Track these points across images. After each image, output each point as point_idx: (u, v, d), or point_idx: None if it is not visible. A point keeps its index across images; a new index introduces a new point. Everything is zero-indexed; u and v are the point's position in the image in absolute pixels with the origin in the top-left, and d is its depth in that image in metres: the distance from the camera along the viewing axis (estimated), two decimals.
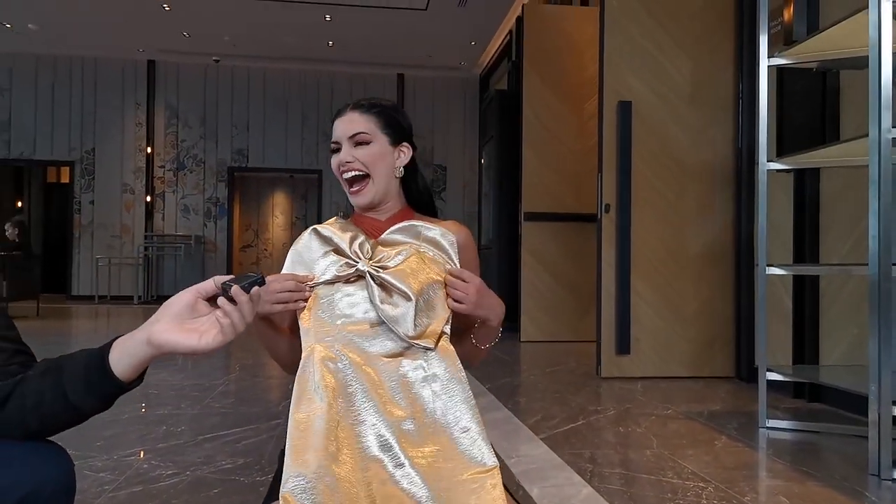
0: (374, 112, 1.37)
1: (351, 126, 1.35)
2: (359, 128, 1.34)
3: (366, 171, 1.34)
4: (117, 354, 0.92)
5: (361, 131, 1.34)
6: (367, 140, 1.34)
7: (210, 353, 0.95)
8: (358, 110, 1.37)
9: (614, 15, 3.99)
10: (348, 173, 1.34)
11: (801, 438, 2.68)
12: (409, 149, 1.41)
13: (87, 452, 2.36)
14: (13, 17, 8.87)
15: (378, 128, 1.35)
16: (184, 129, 10.79)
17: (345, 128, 1.35)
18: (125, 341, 0.93)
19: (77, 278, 10.52)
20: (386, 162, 1.36)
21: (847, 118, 3.23)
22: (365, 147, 1.34)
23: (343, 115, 1.37)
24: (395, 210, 1.40)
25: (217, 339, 0.95)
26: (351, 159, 1.34)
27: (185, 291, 0.97)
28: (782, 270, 2.81)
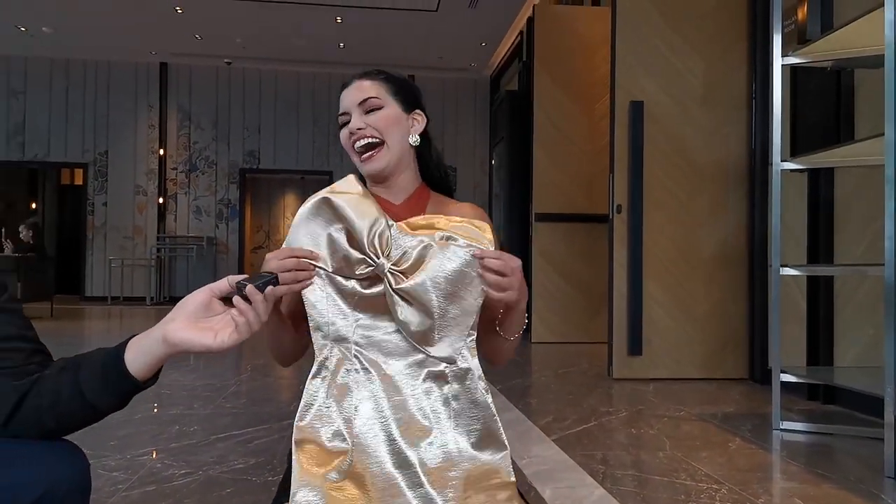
0: (383, 78, 1.27)
1: (360, 93, 1.24)
2: (369, 93, 1.24)
3: (380, 138, 1.23)
4: (133, 353, 0.93)
5: (372, 96, 1.24)
6: (378, 105, 1.24)
7: (225, 352, 0.96)
8: (366, 78, 1.27)
9: (626, 15, 3.98)
10: (361, 140, 1.22)
11: (815, 440, 2.66)
12: (422, 117, 1.30)
13: (101, 452, 2.37)
14: (28, 21, 8.95)
15: (389, 93, 1.26)
16: (196, 131, 10.85)
17: (353, 95, 1.25)
18: (141, 340, 0.94)
19: (90, 279, 10.59)
20: (400, 127, 1.25)
21: (862, 117, 3.20)
22: (377, 112, 1.23)
23: (350, 85, 1.27)
24: (411, 189, 1.28)
25: (232, 337, 0.96)
26: (363, 125, 1.22)
27: (199, 291, 0.97)
28: (796, 271, 2.79)
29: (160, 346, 0.93)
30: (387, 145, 1.23)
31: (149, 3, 8.22)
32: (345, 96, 1.26)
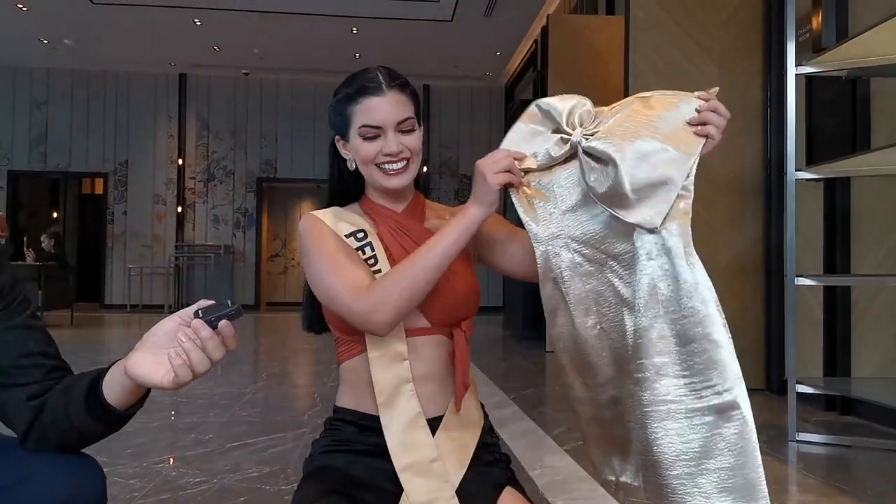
0: (410, 93, 1.19)
1: (398, 111, 1.15)
2: (406, 113, 1.16)
3: (410, 158, 1.18)
4: (107, 381, 0.91)
5: (409, 117, 1.16)
6: (413, 127, 1.17)
7: (175, 390, 0.86)
8: (396, 90, 1.16)
9: (640, 24, 3.98)
10: (396, 164, 1.16)
11: (832, 452, 2.63)
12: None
13: (118, 460, 2.40)
14: (50, 34, 9.12)
15: (414, 111, 1.19)
16: (214, 140, 10.97)
17: (391, 112, 1.14)
18: (116, 367, 0.90)
19: (110, 287, 10.72)
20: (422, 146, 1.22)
21: (878, 126, 3.17)
22: (412, 134, 1.17)
23: (383, 95, 1.14)
24: (410, 196, 1.25)
25: (167, 378, 0.85)
26: (400, 148, 1.15)
27: (168, 318, 0.90)
28: (812, 281, 2.77)
29: (125, 377, 0.88)
30: (410, 163, 1.19)
31: (168, 15, 8.35)
32: (376, 107, 1.14)
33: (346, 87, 1.20)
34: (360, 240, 1.17)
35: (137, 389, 0.90)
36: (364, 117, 1.15)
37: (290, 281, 12.62)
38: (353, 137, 1.18)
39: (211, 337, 0.85)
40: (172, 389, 0.86)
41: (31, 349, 0.96)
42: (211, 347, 0.85)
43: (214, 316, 0.85)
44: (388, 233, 1.20)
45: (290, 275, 12.72)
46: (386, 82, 1.16)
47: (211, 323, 0.85)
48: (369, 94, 1.15)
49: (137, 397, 0.92)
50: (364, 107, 1.15)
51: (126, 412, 0.92)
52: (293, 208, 12.96)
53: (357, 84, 1.17)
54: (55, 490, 0.89)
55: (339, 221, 1.19)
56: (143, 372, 0.86)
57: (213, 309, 0.86)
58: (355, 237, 1.17)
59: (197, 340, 0.85)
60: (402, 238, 1.20)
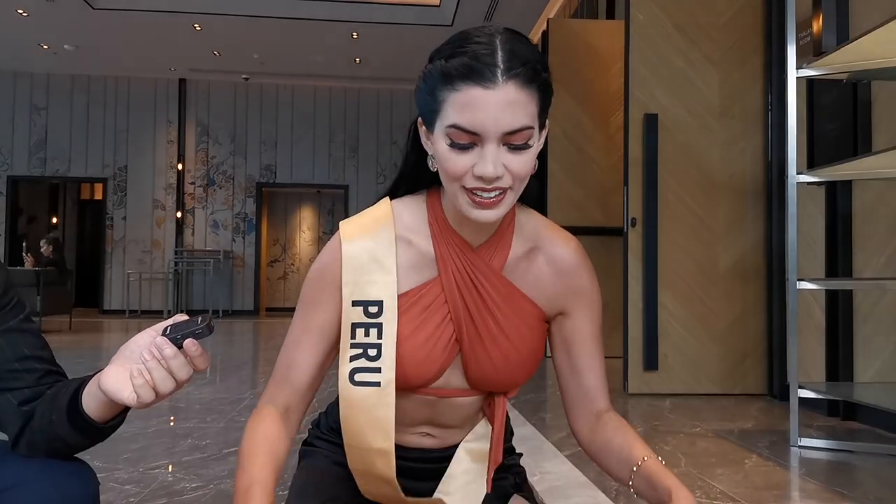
0: (539, 87, 0.82)
1: (509, 116, 0.79)
2: (522, 120, 0.80)
3: (512, 185, 0.84)
4: (86, 392, 0.88)
5: (527, 126, 0.81)
6: (529, 138, 0.82)
7: (142, 408, 0.82)
8: (517, 82, 0.79)
9: (640, 28, 3.98)
10: (488, 193, 0.82)
11: (835, 458, 2.60)
12: (546, 126, 0.90)
13: (114, 465, 2.38)
14: (50, 39, 9.13)
15: (538, 113, 0.83)
16: (214, 145, 10.98)
17: (500, 115, 0.78)
18: (94, 380, 0.88)
19: (109, 293, 10.71)
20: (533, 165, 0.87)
21: (879, 130, 3.16)
22: (522, 154, 0.82)
23: (494, 87, 0.78)
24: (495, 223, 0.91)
25: (131, 397, 0.80)
26: (498, 171, 0.81)
27: (143, 332, 0.85)
28: (814, 285, 2.75)
29: (99, 390, 0.85)
30: (513, 190, 0.85)
31: (168, 20, 8.36)
32: (482, 107, 0.78)
33: (448, 52, 0.82)
34: (369, 315, 0.91)
35: (114, 403, 0.86)
36: (458, 114, 0.80)
37: (289, 286, 12.61)
38: (438, 134, 0.84)
39: (175, 356, 0.80)
40: (139, 408, 0.82)
41: (24, 353, 0.94)
42: (175, 366, 0.80)
43: (180, 334, 0.81)
44: (452, 277, 0.92)
45: (289, 280, 12.70)
46: (504, 67, 0.78)
47: (176, 341, 0.81)
48: (475, 79, 0.78)
49: (116, 411, 0.89)
50: (463, 97, 0.79)
51: (106, 425, 0.90)
52: (293, 213, 12.96)
53: (464, 55, 0.79)
54: (46, 496, 0.88)
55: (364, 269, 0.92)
56: (112, 387, 0.82)
57: (182, 326, 0.82)
58: (365, 310, 0.91)
59: (161, 359, 0.80)
60: (468, 291, 0.92)
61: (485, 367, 0.93)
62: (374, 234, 0.93)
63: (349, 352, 0.91)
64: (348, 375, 0.91)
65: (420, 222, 0.95)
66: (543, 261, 0.97)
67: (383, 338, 0.90)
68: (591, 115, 5.60)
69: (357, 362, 0.91)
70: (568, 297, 0.98)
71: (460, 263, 0.93)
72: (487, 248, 0.94)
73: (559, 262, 0.97)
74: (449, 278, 0.92)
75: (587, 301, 0.99)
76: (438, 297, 0.93)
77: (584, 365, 0.99)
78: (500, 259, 0.94)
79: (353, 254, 0.92)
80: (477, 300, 0.92)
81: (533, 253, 0.97)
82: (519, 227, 0.97)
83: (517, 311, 0.94)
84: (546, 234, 0.99)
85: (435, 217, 0.94)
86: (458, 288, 0.92)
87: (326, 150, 11.10)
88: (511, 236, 0.96)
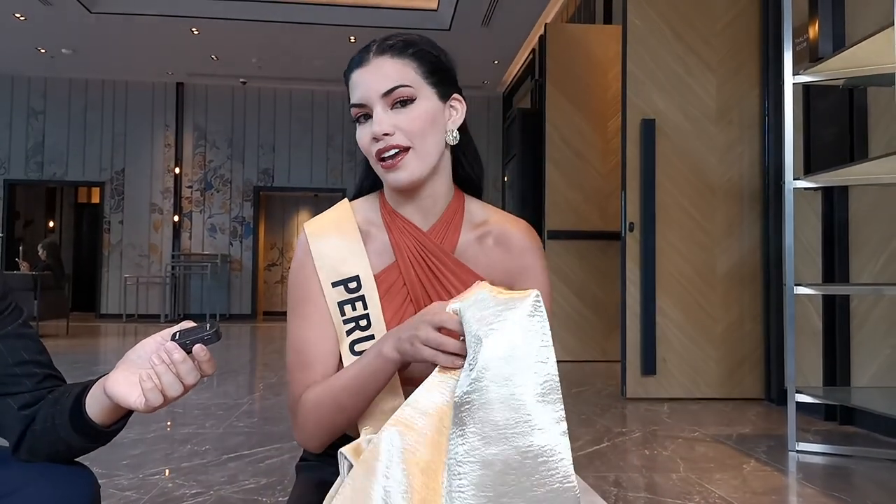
0: (412, 54, 0.95)
1: (383, 78, 0.93)
2: (396, 79, 0.93)
3: (409, 144, 0.94)
4: (90, 396, 0.89)
5: (401, 84, 0.93)
6: (410, 96, 0.93)
7: (149, 413, 0.83)
8: (388, 53, 0.94)
9: (637, 33, 3.99)
10: (389, 152, 0.93)
11: (832, 462, 2.61)
12: (461, 103, 1.01)
13: (113, 471, 2.38)
14: (47, 43, 9.12)
15: (421, 76, 0.95)
16: (211, 149, 10.97)
17: (374, 81, 0.93)
18: (98, 384, 0.88)
19: (106, 297, 10.69)
20: (436, 126, 0.96)
21: (875, 135, 3.18)
22: (409, 108, 0.93)
23: (367, 63, 0.94)
24: (444, 202, 1.01)
25: (140, 400, 0.82)
26: (391, 129, 0.92)
27: (150, 337, 0.87)
28: (811, 290, 2.77)
29: (104, 395, 0.86)
30: (414, 150, 0.94)
31: (166, 24, 8.36)
32: (359, 80, 0.95)
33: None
34: (350, 291, 0.98)
35: (118, 407, 0.87)
36: (352, 96, 0.96)
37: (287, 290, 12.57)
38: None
39: (184, 360, 0.82)
40: (146, 412, 0.83)
41: (23, 358, 0.95)
42: (184, 371, 0.82)
43: (189, 339, 0.83)
44: (408, 260, 0.99)
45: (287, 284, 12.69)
46: (376, 48, 0.96)
47: (185, 346, 0.82)
48: (355, 64, 0.96)
49: (119, 415, 0.90)
50: (351, 83, 0.96)
51: (109, 429, 0.90)
52: (290, 217, 12.95)
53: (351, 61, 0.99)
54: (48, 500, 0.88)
55: (334, 252, 0.99)
56: (119, 392, 0.84)
57: (191, 332, 0.84)
58: (345, 287, 0.98)
59: (170, 364, 0.82)
60: (423, 272, 0.99)
61: None
62: (338, 224, 1.02)
63: (343, 328, 0.97)
64: (349, 348, 0.96)
65: (375, 215, 1.03)
66: (493, 241, 1.02)
67: (369, 307, 0.97)
68: (588, 119, 5.62)
69: (353, 335, 0.97)
70: (515, 275, 1.01)
71: (413, 247, 0.99)
72: (438, 230, 1.00)
73: (507, 240, 1.02)
74: (405, 261, 0.99)
75: (534, 280, 1.01)
76: (397, 280, 0.99)
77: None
78: (452, 241, 1.01)
79: (321, 243, 1.00)
80: (432, 279, 0.99)
81: (484, 236, 1.02)
82: (468, 213, 1.04)
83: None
84: (496, 217, 1.05)
85: (385, 208, 1.03)
86: (413, 270, 0.99)
87: (324, 154, 11.10)
88: (460, 220, 1.02)
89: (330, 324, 0.98)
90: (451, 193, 1.03)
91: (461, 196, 1.04)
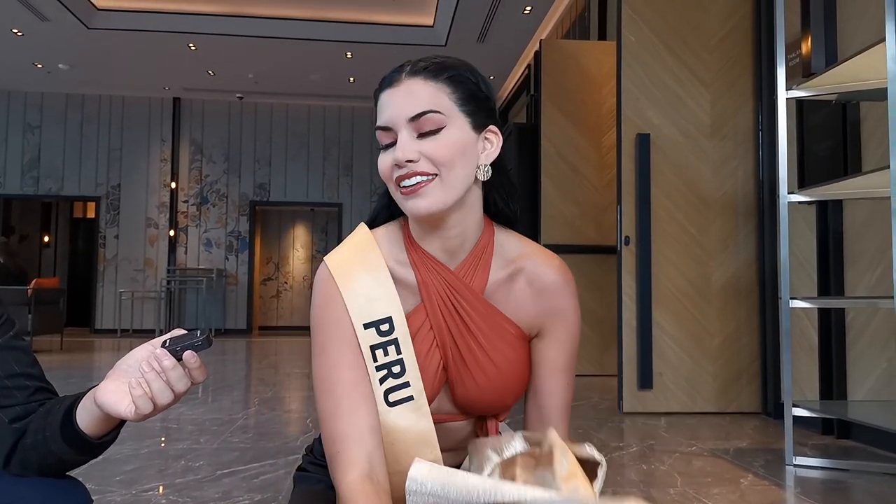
0: (448, 78, 0.88)
1: (412, 101, 0.86)
2: (426, 104, 0.85)
3: (435, 172, 0.86)
4: (81, 408, 0.88)
5: (431, 109, 0.85)
6: (439, 124, 0.85)
7: (139, 421, 0.82)
8: (421, 75, 0.88)
9: (632, 49, 4.02)
10: (411, 179, 0.86)
11: (829, 476, 2.60)
12: (497, 135, 0.93)
13: (107, 487, 2.36)
14: (45, 58, 9.15)
15: (455, 103, 0.87)
16: (208, 164, 10.98)
17: (402, 104, 0.86)
18: (89, 395, 0.88)
19: (100, 312, 10.65)
20: (467, 158, 0.87)
21: (868, 150, 3.20)
22: (438, 136, 0.85)
23: (398, 84, 0.88)
24: (473, 239, 0.93)
25: (130, 408, 0.81)
26: (415, 156, 0.85)
27: (141, 346, 0.86)
28: (807, 303, 2.77)
29: (94, 405, 0.84)
30: (440, 178, 0.86)
31: (163, 40, 8.40)
32: (388, 101, 0.88)
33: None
34: (382, 334, 0.90)
35: (109, 418, 0.86)
36: (378, 118, 0.89)
37: (282, 305, 12.57)
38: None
39: (174, 367, 0.81)
40: (136, 420, 0.83)
41: (14, 370, 0.94)
42: (174, 378, 0.81)
43: (179, 346, 0.82)
44: (435, 302, 0.93)
45: (282, 299, 12.66)
46: (409, 69, 0.89)
47: (175, 353, 0.82)
48: (384, 85, 0.90)
49: (110, 426, 0.89)
50: (379, 104, 0.89)
51: (100, 440, 0.89)
52: (286, 231, 12.95)
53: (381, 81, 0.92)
54: None
55: (364, 290, 0.91)
56: (109, 401, 0.82)
57: (181, 339, 0.83)
58: (377, 330, 0.90)
59: (160, 371, 0.81)
60: (450, 314, 0.92)
61: (470, 391, 0.93)
62: (364, 257, 0.94)
63: (376, 375, 0.90)
64: (383, 398, 0.90)
65: (398, 250, 0.95)
66: (525, 281, 0.95)
67: (403, 352, 0.90)
68: (583, 134, 5.65)
69: (386, 383, 0.90)
70: (545, 317, 0.96)
71: (441, 288, 0.92)
72: (466, 269, 0.93)
73: (540, 280, 0.96)
74: (432, 304, 0.92)
75: (563, 324, 0.97)
76: (424, 324, 0.93)
77: (546, 390, 0.96)
78: (481, 281, 0.94)
79: (350, 279, 0.92)
80: (459, 323, 0.92)
81: (515, 274, 0.95)
82: (499, 247, 0.96)
83: (499, 333, 0.94)
84: (528, 253, 0.97)
85: (411, 243, 0.95)
86: (440, 313, 0.92)
87: (320, 168, 11.12)
88: (490, 257, 0.95)
89: (365, 366, 0.91)
90: (480, 228, 0.95)
91: (491, 229, 0.96)
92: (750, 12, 4.06)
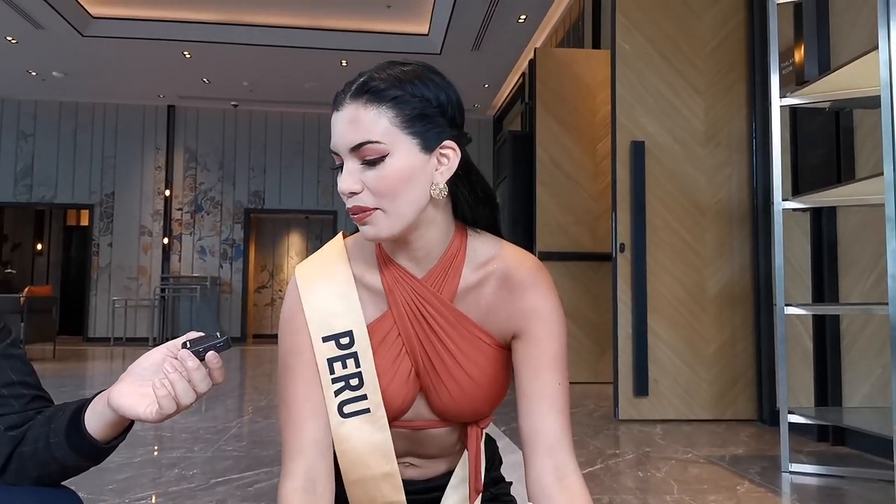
0: (391, 101, 0.83)
1: (353, 130, 0.83)
2: (364, 134, 0.82)
3: (375, 206, 0.85)
4: (90, 412, 0.88)
5: (370, 140, 0.82)
6: (379, 153, 0.82)
7: (158, 422, 0.83)
8: (363, 98, 0.83)
9: (626, 57, 4.04)
10: (355, 210, 0.86)
11: (825, 483, 2.60)
12: (454, 151, 0.88)
13: (100, 496, 2.34)
14: (39, 66, 9.13)
15: (398, 126, 0.83)
16: (202, 172, 10.96)
17: (343, 131, 0.84)
18: (100, 398, 0.88)
19: (94, 320, 10.59)
20: (415, 183, 0.84)
21: (862, 157, 3.22)
22: (381, 166, 0.83)
23: (341, 108, 0.85)
24: (438, 250, 0.92)
25: (150, 409, 0.82)
26: (357, 187, 0.84)
27: (156, 349, 0.86)
28: (801, 310, 2.77)
29: (108, 408, 0.85)
30: (383, 211, 0.84)
31: (158, 48, 8.39)
32: (334, 125, 0.86)
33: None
34: (342, 347, 0.91)
35: (120, 422, 0.87)
36: (332, 141, 0.87)
37: (277, 313, 12.52)
38: None
39: (198, 368, 0.83)
40: (155, 421, 0.83)
41: (11, 379, 0.93)
42: (197, 379, 0.82)
43: (202, 347, 0.83)
44: (402, 309, 0.92)
45: (277, 306, 12.62)
46: (353, 90, 0.85)
47: (198, 354, 0.83)
48: (334, 105, 0.87)
49: (120, 430, 0.89)
50: (331, 124, 0.87)
51: (108, 445, 0.89)
52: (281, 239, 12.94)
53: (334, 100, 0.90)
54: None
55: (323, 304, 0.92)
56: (126, 403, 0.83)
57: (202, 340, 0.84)
58: (337, 343, 0.91)
59: (183, 371, 0.82)
60: (418, 322, 0.92)
61: (444, 399, 0.93)
62: (330, 269, 0.95)
63: (332, 388, 0.91)
64: (337, 410, 0.91)
65: (370, 257, 0.96)
66: (496, 283, 0.92)
67: (362, 365, 0.91)
68: (578, 142, 5.66)
69: (342, 395, 0.91)
70: (520, 318, 0.92)
71: (408, 296, 0.92)
72: (435, 277, 0.92)
73: (510, 280, 0.92)
74: (399, 312, 0.92)
75: (540, 322, 0.92)
76: (391, 331, 0.93)
77: (534, 393, 0.91)
78: (451, 288, 0.92)
79: (311, 292, 0.94)
80: (428, 332, 0.92)
81: (486, 278, 0.93)
82: (471, 252, 0.94)
83: (469, 341, 0.92)
84: (500, 254, 0.94)
85: (381, 251, 0.95)
86: (408, 321, 0.92)
87: (315, 176, 11.12)
88: (461, 263, 0.93)
89: (319, 379, 0.93)
90: (448, 237, 0.92)
91: (463, 234, 0.94)
92: (743, 20, 4.09)
